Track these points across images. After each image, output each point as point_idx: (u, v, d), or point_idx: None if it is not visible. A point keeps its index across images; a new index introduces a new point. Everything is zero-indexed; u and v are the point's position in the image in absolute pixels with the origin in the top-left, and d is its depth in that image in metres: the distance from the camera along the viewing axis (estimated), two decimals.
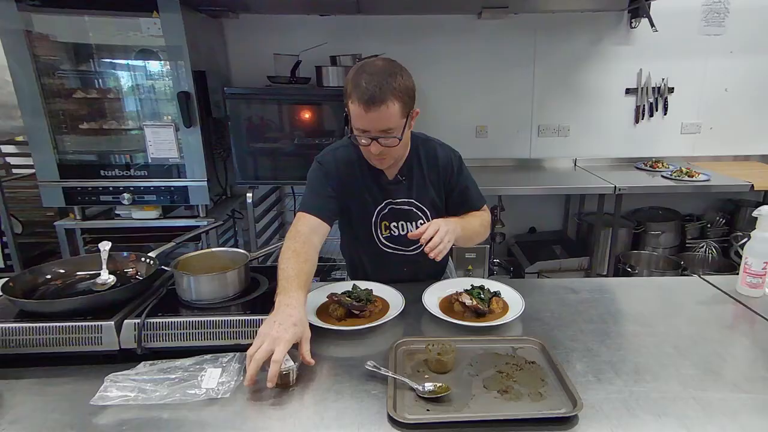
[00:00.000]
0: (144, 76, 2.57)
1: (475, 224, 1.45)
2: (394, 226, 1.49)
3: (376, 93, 1.20)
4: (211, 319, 1.08)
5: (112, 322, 1.06)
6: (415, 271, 1.55)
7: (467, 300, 1.27)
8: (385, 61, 1.28)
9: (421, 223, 1.48)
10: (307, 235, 1.31)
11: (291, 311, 1.04)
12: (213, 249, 1.37)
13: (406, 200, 1.47)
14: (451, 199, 1.52)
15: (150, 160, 2.55)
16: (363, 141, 1.29)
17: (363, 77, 1.21)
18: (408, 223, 1.49)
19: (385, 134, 1.26)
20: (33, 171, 2.59)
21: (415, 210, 1.49)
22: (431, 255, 1.23)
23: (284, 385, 0.98)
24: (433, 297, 1.36)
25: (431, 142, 1.49)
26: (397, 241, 1.51)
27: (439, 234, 1.23)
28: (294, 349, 1.01)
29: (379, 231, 1.49)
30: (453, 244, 1.32)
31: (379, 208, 1.47)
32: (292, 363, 0.99)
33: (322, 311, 1.30)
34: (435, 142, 1.50)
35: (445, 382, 0.98)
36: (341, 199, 1.43)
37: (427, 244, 1.23)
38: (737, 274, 1.44)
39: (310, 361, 1.02)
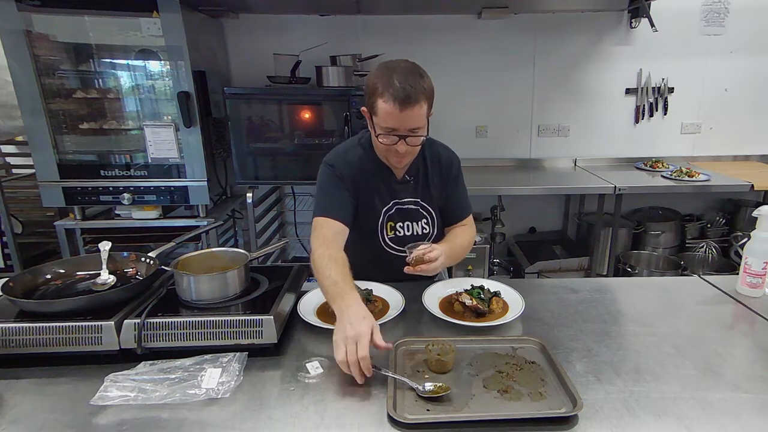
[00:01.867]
0: (144, 76, 2.56)
1: (463, 246, 1.48)
2: (399, 226, 1.50)
3: (411, 92, 1.21)
4: (211, 319, 1.08)
5: (112, 322, 1.06)
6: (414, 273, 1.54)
7: (467, 300, 1.27)
8: (408, 62, 1.30)
9: (425, 223, 1.51)
10: (335, 240, 1.32)
11: (354, 310, 1.05)
12: (213, 249, 1.37)
13: (412, 200, 1.49)
14: (442, 202, 1.53)
15: (150, 160, 2.55)
16: (389, 140, 1.30)
17: (395, 77, 1.23)
18: (413, 223, 1.51)
19: (412, 133, 1.29)
20: (33, 171, 2.59)
21: (420, 210, 1.50)
22: (409, 269, 1.28)
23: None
24: (433, 297, 1.37)
25: (435, 144, 1.52)
26: (401, 242, 1.51)
27: (434, 265, 1.28)
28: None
29: (384, 232, 1.50)
30: None
31: (386, 208, 1.48)
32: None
33: (322, 311, 1.30)
34: (438, 143, 1.52)
35: (445, 382, 0.98)
36: (354, 200, 1.44)
37: (414, 263, 1.28)
38: (737, 274, 1.44)
39: (389, 346, 1.03)
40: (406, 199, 1.49)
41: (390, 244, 1.51)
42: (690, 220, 3.30)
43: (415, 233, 1.52)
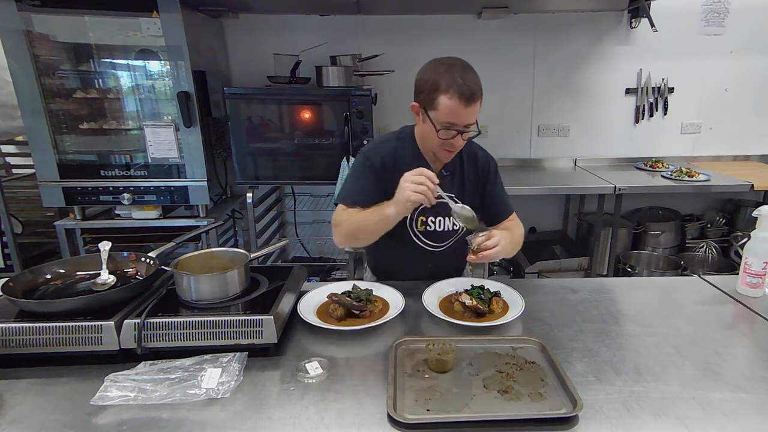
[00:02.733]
0: (144, 76, 2.56)
1: (518, 240, 1.52)
2: (431, 220, 1.51)
3: (475, 89, 1.28)
4: (211, 319, 1.08)
5: (112, 322, 1.06)
6: (438, 267, 1.56)
7: (467, 300, 1.27)
8: (458, 59, 1.35)
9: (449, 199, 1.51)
10: None
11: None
12: (213, 249, 1.37)
13: (447, 195, 1.49)
14: (483, 203, 1.55)
15: (150, 160, 2.55)
16: (448, 134, 1.33)
17: (456, 74, 1.28)
18: (445, 219, 1.52)
19: (468, 128, 1.34)
20: (33, 171, 2.59)
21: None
22: (472, 258, 1.32)
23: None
24: (433, 297, 1.37)
25: (473, 144, 1.54)
26: (431, 236, 1.53)
27: (496, 249, 1.30)
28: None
29: (415, 225, 1.51)
30: None
31: None
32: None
33: (322, 311, 1.30)
34: (476, 144, 1.55)
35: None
36: (384, 193, 1.44)
37: (477, 250, 1.32)
38: (737, 274, 1.44)
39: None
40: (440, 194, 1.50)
41: (420, 237, 1.52)
42: (690, 220, 3.30)
43: (446, 228, 1.52)
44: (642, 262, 3.09)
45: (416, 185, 1.23)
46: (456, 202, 1.38)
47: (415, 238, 1.52)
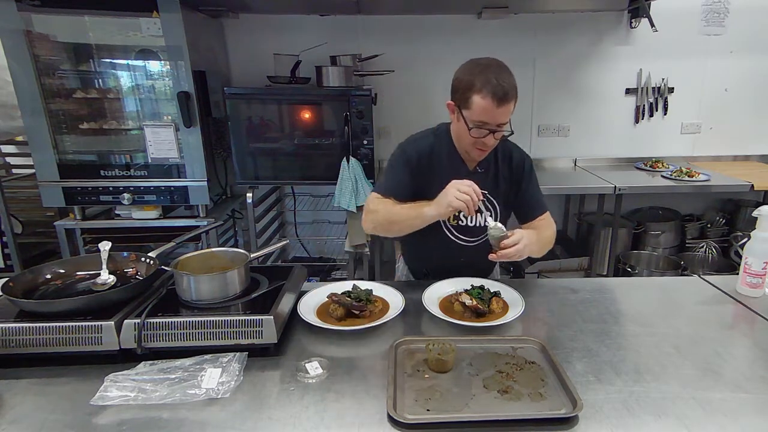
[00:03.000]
0: (144, 76, 2.56)
1: (548, 238, 1.51)
2: (463, 215, 1.52)
3: (508, 89, 1.31)
4: (211, 319, 1.08)
5: (112, 322, 1.06)
6: (472, 261, 1.57)
7: (467, 300, 1.27)
8: (494, 59, 1.38)
9: (488, 216, 1.52)
10: None
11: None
12: (213, 249, 1.37)
13: (486, 211, 1.51)
14: (516, 201, 1.56)
15: (150, 160, 2.55)
16: (479, 133, 1.35)
17: (491, 74, 1.31)
18: (477, 214, 1.52)
19: (500, 128, 1.36)
20: (33, 171, 2.59)
21: (486, 202, 1.52)
22: (493, 256, 1.33)
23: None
24: (433, 297, 1.37)
25: (508, 142, 1.55)
26: (463, 230, 1.54)
27: (516, 248, 1.30)
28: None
29: (446, 219, 1.52)
30: None
31: None
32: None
33: (322, 311, 1.30)
34: (510, 142, 1.56)
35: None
36: (418, 187, 1.47)
37: (497, 248, 1.32)
38: (737, 274, 1.44)
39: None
40: None
41: (453, 231, 1.54)
42: (690, 220, 3.30)
43: (477, 224, 1.53)
44: (642, 262, 3.09)
45: (461, 193, 1.27)
46: (495, 221, 1.38)
47: (447, 232, 1.54)
